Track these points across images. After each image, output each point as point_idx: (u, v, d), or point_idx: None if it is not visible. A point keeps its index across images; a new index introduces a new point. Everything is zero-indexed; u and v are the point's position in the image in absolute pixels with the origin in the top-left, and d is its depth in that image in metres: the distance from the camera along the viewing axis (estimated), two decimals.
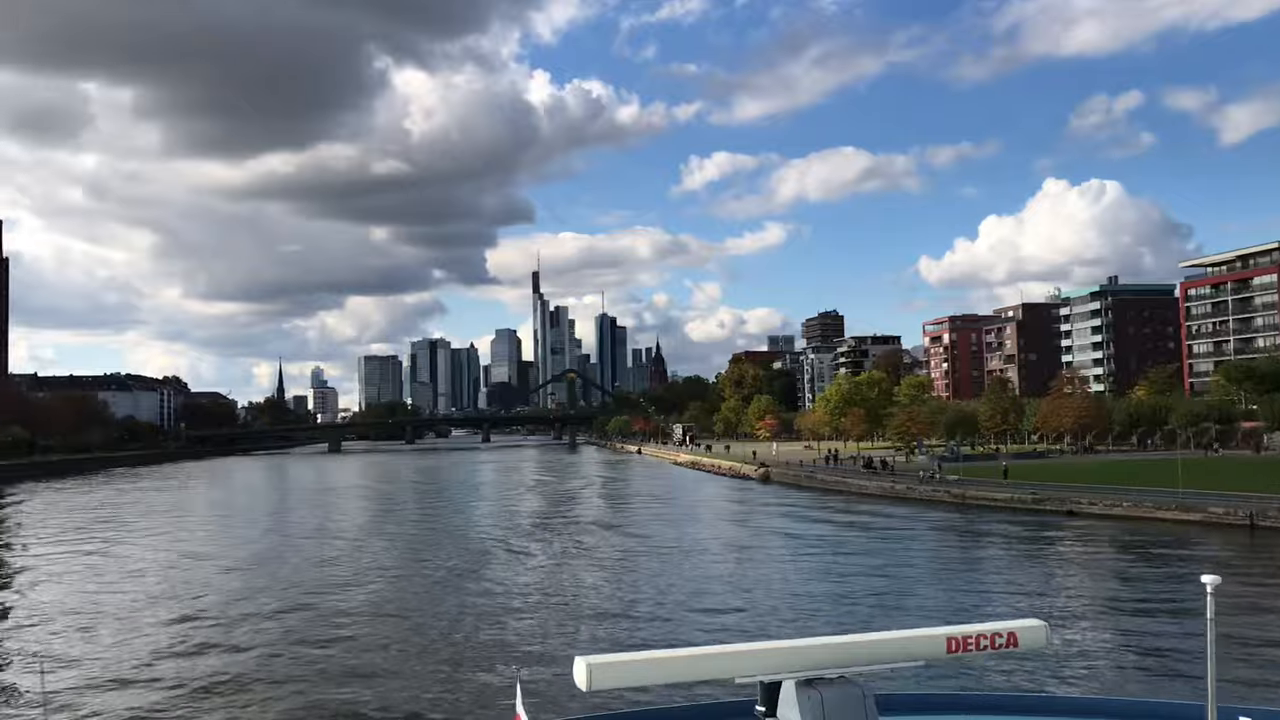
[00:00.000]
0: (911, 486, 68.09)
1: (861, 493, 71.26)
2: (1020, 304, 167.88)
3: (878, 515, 58.67)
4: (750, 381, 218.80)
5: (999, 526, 51.31)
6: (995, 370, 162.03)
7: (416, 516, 67.60)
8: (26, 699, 21.92)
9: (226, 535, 58.02)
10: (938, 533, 51.03)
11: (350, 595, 35.08)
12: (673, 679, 3.98)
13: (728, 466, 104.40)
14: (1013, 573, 37.77)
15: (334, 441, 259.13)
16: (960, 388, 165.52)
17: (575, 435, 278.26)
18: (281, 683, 22.89)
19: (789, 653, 4.11)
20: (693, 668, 4.05)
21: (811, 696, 3.86)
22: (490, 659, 24.69)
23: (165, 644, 27.50)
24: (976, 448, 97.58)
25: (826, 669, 4.00)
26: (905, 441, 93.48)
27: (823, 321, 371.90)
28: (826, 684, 3.95)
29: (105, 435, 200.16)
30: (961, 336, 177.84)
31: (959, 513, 57.85)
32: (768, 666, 4.01)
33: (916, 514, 58.29)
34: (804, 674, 3.96)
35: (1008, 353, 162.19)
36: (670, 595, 33.80)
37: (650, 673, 4.02)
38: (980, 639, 4.12)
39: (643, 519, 60.96)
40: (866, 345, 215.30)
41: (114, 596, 35.88)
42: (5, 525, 70.20)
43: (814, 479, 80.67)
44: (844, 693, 3.94)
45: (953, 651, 4.14)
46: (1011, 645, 4.18)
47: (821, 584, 35.61)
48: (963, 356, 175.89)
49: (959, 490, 63.17)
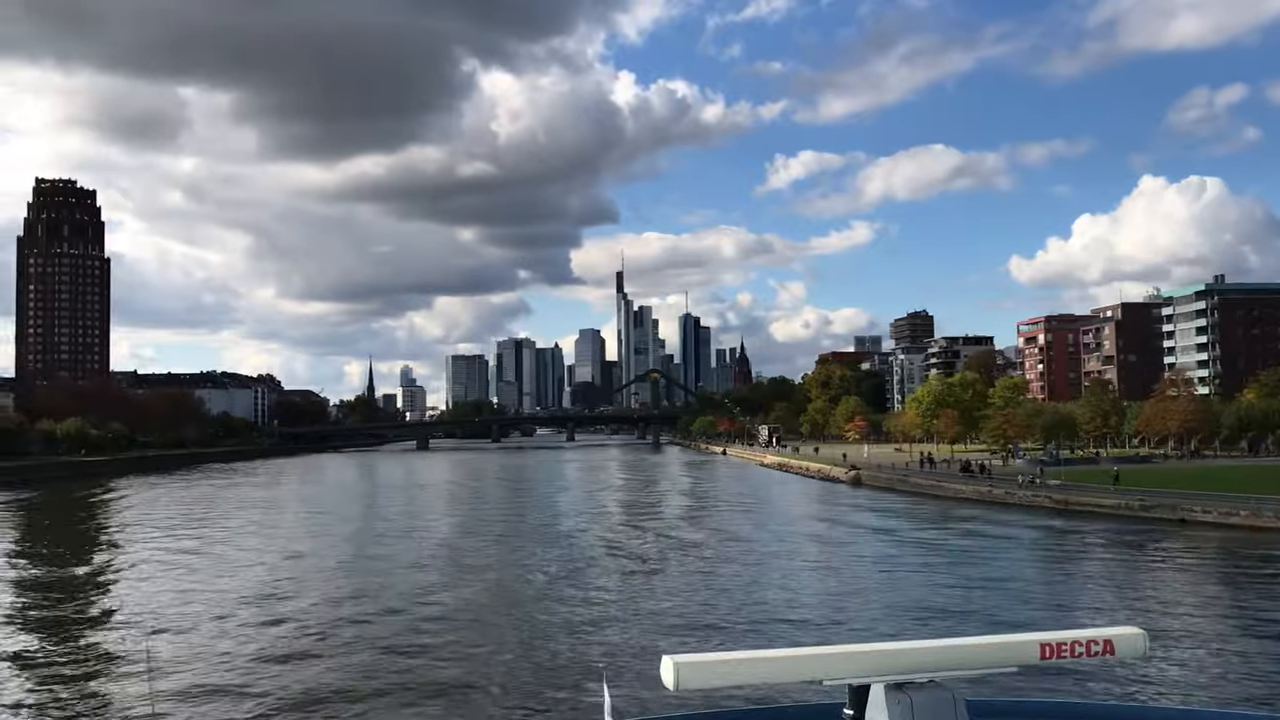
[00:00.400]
0: (1010, 491, 65.75)
1: (958, 497, 69.09)
2: (1119, 303, 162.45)
3: (976, 521, 56.65)
4: (837, 382, 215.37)
5: (1105, 535, 49.04)
6: (1093, 372, 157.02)
7: (508, 515, 67.34)
8: (133, 694, 21.89)
9: (323, 533, 58.27)
10: (1039, 541, 49.02)
11: (443, 592, 35.35)
12: (760, 680, 3.86)
13: (816, 468, 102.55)
14: (1121, 584, 35.84)
15: (422, 439, 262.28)
16: (1056, 389, 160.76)
17: (659, 435, 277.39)
18: (372, 674, 23.34)
19: (879, 655, 3.94)
20: (780, 669, 3.96)
21: (901, 701, 3.74)
22: (578, 657, 24.83)
23: (259, 642, 27.43)
24: (1075, 451, 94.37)
25: (917, 673, 3.87)
26: (1001, 445, 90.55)
27: (912, 322, 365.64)
28: (917, 688, 3.82)
29: (201, 431, 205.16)
30: (1058, 337, 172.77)
31: (1062, 519, 55.63)
32: (857, 669, 3.87)
33: (1016, 520, 56.14)
34: (894, 678, 3.83)
35: (1106, 354, 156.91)
36: (761, 602, 32.72)
37: (737, 673, 3.90)
38: (1075, 646, 3.92)
39: (731, 521, 59.80)
40: (958, 346, 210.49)
41: (215, 593, 35.88)
42: (110, 521, 71.83)
43: (907, 482, 78.54)
44: (934, 697, 3.81)
45: (1046, 658, 3.93)
46: (1108, 653, 3.97)
47: (919, 593, 34.16)
48: (1059, 357, 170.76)
49: (1061, 496, 60.80)
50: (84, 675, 24.17)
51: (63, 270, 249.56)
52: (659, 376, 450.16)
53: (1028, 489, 65.05)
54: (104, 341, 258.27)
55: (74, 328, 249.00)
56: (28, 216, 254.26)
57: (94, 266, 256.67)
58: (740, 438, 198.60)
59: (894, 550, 46.03)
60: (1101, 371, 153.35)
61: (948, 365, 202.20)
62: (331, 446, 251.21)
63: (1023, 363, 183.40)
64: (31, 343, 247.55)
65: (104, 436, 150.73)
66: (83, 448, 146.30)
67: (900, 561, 42.15)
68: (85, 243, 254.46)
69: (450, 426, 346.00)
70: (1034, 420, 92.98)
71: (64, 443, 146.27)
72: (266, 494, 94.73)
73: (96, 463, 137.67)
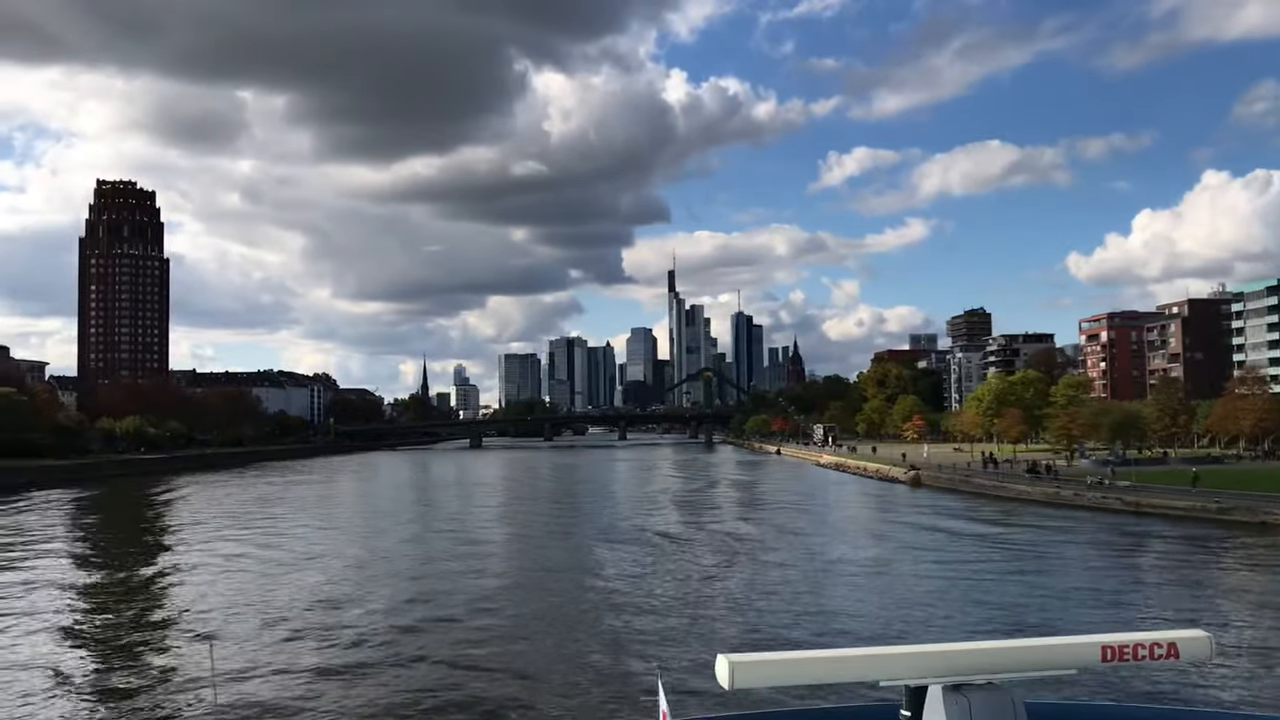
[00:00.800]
0: (1079, 493, 63.66)
1: (1023, 499, 67.10)
2: (1185, 300, 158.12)
3: (1044, 524, 54.78)
4: (894, 381, 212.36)
5: (1181, 539, 47.02)
6: (1158, 370, 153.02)
7: (566, 516, 66.54)
8: (199, 691, 22.12)
9: (380, 534, 57.85)
10: (1113, 545, 47.09)
11: (504, 590, 35.82)
12: (815, 680, 3.83)
13: (873, 468, 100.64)
14: (1200, 591, 34.23)
15: (475, 438, 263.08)
16: (1119, 388, 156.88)
17: (711, 434, 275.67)
18: (429, 671, 23.99)
19: (936, 656, 3.92)
20: (836, 669, 3.92)
21: (959, 702, 3.74)
22: (635, 655, 25.02)
23: (318, 645, 27.40)
24: (1143, 451, 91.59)
25: (975, 674, 3.85)
26: (1066, 445, 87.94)
27: (969, 320, 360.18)
28: (975, 690, 3.82)
29: (258, 430, 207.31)
30: (1120, 334, 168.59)
31: (1134, 522, 53.58)
32: (914, 670, 3.88)
33: (1086, 522, 54.24)
34: (951, 679, 3.83)
35: (1171, 351, 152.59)
36: (829, 611, 31.47)
37: (793, 673, 3.93)
38: (1138, 648, 3.88)
39: (793, 523, 58.39)
40: (1018, 344, 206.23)
41: (271, 597, 35.44)
42: (167, 520, 72.06)
43: (970, 483, 76.49)
44: (993, 699, 3.81)
45: (1108, 660, 3.88)
46: (1172, 656, 3.92)
47: (991, 601, 32.69)
48: (1122, 355, 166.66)
49: (1133, 498, 58.67)
50: (146, 676, 24.13)
51: (123, 270, 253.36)
52: (711, 375, 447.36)
53: (1097, 490, 62.95)
54: (163, 341, 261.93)
55: (134, 327, 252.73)
56: (89, 218, 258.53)
57: (153, 266, 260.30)
58: (795, 437, 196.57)
59: (961, 555, 44.43)
60: (1167, 369, 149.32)
61: (1007, 364, 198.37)
62: (386, 445, 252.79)
63: (1084, 360, 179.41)
64: (93, 342, 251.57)
65: (162, 435, 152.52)
66: (141, 446, 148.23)
67: (970, 567, 40.59)
68: (145, 243, 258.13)
69: (503, 425, 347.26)
70: (1100, 419, 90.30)
71: (123, 441, 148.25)
72: (323, 491, 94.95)
73: (154, 460, 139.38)
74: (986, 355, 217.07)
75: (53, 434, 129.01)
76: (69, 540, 55.09)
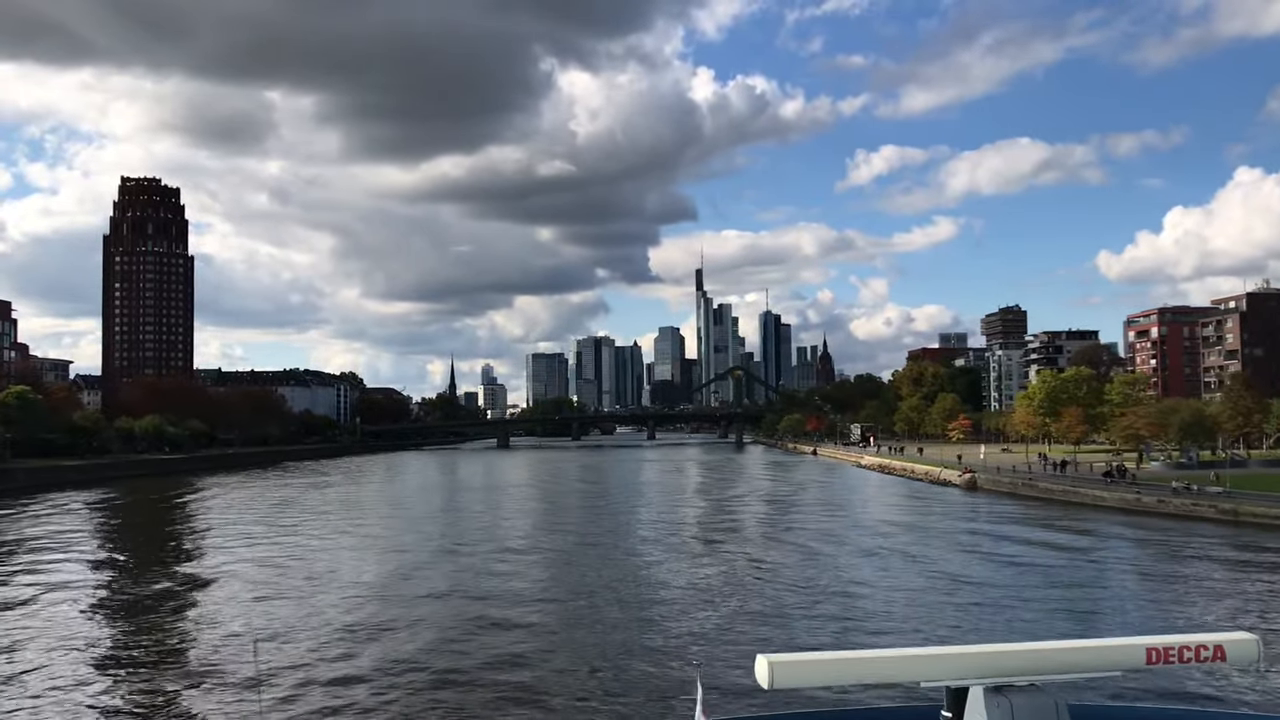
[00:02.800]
0: (1163, 499, 58.06)
1: (1098, 505, 61.55)
2: (1244, 294, 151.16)
3: (1139, 535, 49.37)
4: (930, 379, 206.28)
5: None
6: (1213, 367, 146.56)
7: (600, 525, 61.61)
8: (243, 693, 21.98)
9: (404, 548, 53.22)
10: (1234, 562, 41.58)
11: (540, 595, 34.89)
12: (856, 680, 3.78)
13: (923, 471, 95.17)
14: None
15: (503, 437, 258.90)
16: (1171, 386, 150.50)
17: (741, 434, 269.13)
18: (465, 673, 23.61)
19: (978, 657, 3.84)
20: (877, 669, 3.89)
21: (1001, 704, 3.73)
22: (673, 657, 24.71)
23: (360, 648, 26.83)
24: (1217, 453, 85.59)
25: (1017, 676, 3.77)
26: (1133, 445, 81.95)
27: (1004, 317, 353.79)
28: (1017, 691, 3.73)
29: (282, 429, 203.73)
30: (1172, 330, 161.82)
31: (1236, 534, 48.04)
32: (955, 671, 3.78)
33: (1180, 534, 48.70)
34: (993, 680, 3.73)
35: (1229, 347, 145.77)
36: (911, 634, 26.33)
37: (833, 673, 3.86)
38: (1184, 650, 3.76)
39: (844, 530, 53.21)
40: (1060, 340, 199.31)
41: (305, 605, 30.95)
42: (181, 525, 67.77)
43: (1034, 487, 70.84)
44: (1035, 701, 3.73)
45: (1153, 663, 3.85)
46: (1218, 659, 3.84)
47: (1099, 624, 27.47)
48: (1173, 352, 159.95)
49: (1229, 505, 53.06)
50: (189, 681, 23.63)
51: (147, 268, 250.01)
52: (742, 374, 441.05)
53: (1184, 496, 57.29)
54: (188, 339, 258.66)
55: (158, 326, 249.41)
56: (113, 215, 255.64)
57: (178, 264, 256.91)
58: (829, 437, 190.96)
59: (1066, 573, 39.11)
60: (1224, 366, 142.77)
61: (1050, 361, 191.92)
62: (413, 444, 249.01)
63: (1132, 357, 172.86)
64: (118, 341, 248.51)
65: (181, 434, 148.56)
66: (166, 446, 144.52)
67: (1086, 593, 35.31)
68: (169, 241, 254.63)
69: (530, 424, 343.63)
70: (1167, 418, 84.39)
71: (142, 440, 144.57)
72: (346, 493, 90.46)
73: (173, 460, 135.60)
74: (1028, 353, 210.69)
75: (69, 433, 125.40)
76: (74, 548, 50.61)
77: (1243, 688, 20.04)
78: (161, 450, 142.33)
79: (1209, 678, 20.06)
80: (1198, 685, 19.75)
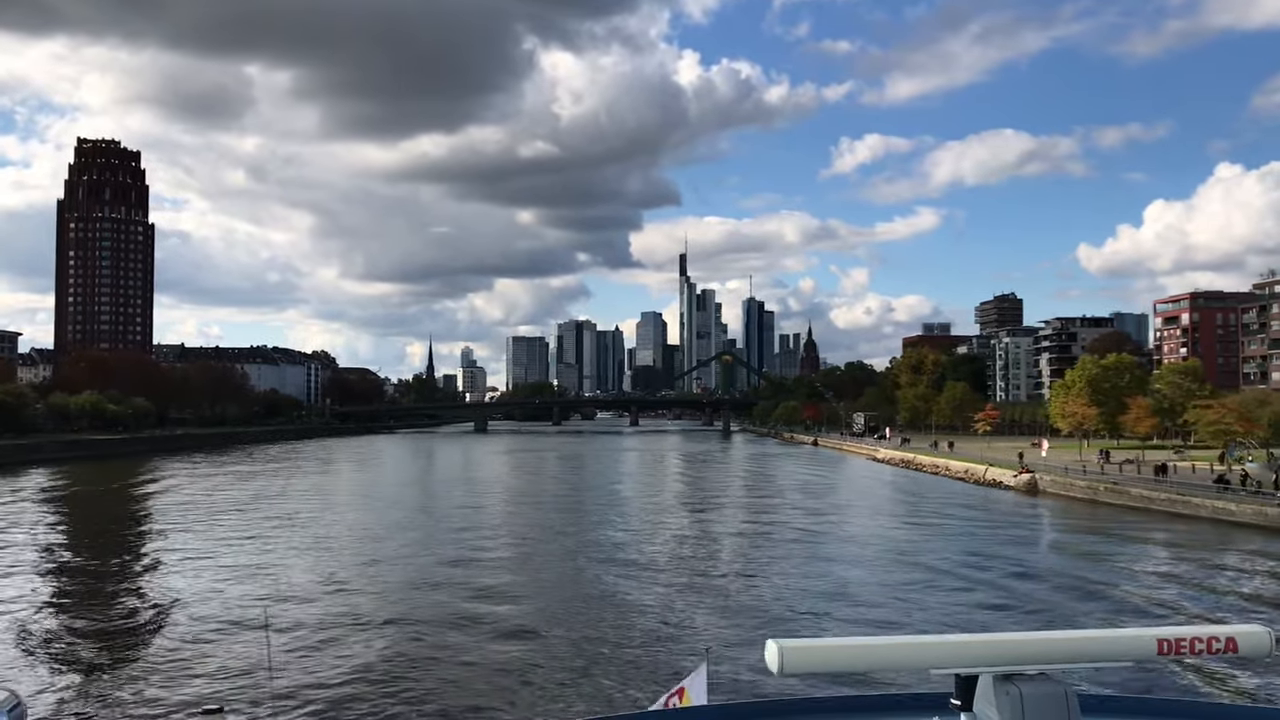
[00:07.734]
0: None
1: (1223, 519, 48.99)
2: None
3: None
4: (930, 366, 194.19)
5: None
6: (1254, 356, 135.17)
7: (591, 542, 48.93)
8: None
9: (361, 562, 40.36)
10: None
11: (550, 586, 32.72)
12: (865, 666, 3.58)
13: (961, 469, 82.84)
14: None
15: (480, 421, 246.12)
16: (1206, 376, 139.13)
17: (729, 422, 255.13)
18: (474, 667, 21.77)
19: (987, 645, 3.68)
20: (886, 656, 3.74)
21: (1010, 692, 3.65)
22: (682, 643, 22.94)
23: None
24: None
25: (1027, 664, 3.62)
26: (1222, 443, 69.74)
27: (999, 305, 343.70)
28: (1026, 680, 3.58)
29: (243, 408, 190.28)
30: (1205, 316, 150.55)
31: None
32: (964, 659, 3.64)
33: None
34: (1003, 668, 3.60)
35: (1274, 335, 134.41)
36: None
37: (843, 659, 3.65)
38: (1195, 642, 3.65)
39: (920, 555, 40.76)
40: (1074, 327, 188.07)
41: None
42: (83, 519, 54.39)
43: (1124, 493, 58.22)
44: (1044, 690, 3.57)
45: (1164, 653, 3.74)
46: (1230, 651, 3.73)
47: None
48: (1206, 340, 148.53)
49: None
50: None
51: (104, 236, 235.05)
52: (730, 360, 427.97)
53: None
54: (146, 312, 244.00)
55: (115, 298, 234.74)
56: (68, 178, 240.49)
57: (137, 232, 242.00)
58: (826, 426, 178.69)
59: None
60: (1268, 356, 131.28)
61: (1063, 349, 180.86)
62: (385, 427, 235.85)
63: (1160, 346, 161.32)
64: (72, 313, 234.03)
65: (123, 412, 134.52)
66: (119, 425, 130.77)
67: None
68: (128, 207, 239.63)
69: (509, 408, 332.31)
70: (1256, 411, 72.22)
71: (81, 419, 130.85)
72: (292, 483, 77.36)
73: (110, 441, 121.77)
74: (1038, 340, 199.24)
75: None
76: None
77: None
78: (103, 430, 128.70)
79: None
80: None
